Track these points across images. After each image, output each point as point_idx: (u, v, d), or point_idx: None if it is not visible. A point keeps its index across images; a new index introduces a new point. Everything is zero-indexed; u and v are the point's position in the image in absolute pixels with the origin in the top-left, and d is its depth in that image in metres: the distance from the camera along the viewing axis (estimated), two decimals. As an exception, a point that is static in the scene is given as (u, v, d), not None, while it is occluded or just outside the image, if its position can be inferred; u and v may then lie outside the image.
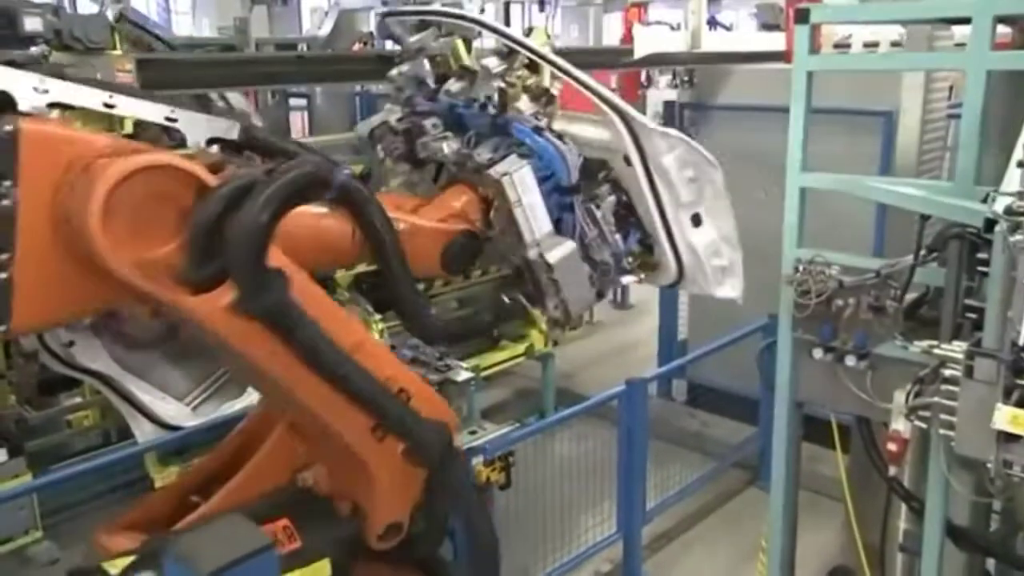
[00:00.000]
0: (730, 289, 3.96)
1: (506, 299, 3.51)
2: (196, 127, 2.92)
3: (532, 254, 3.34)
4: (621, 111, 3.52)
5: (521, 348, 6.27)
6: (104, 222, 2.14)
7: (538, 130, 3.58)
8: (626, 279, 3.84)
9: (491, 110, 3.73)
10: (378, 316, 5.31)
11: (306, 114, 10.82)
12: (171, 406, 4.25)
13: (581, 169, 3.56)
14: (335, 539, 2.75)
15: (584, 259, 3.49)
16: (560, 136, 3.62)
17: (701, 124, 6.42)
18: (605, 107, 3.50)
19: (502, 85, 3.74)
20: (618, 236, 3.62)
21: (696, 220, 3.72)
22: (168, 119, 2.89)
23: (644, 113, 11.78)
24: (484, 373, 5.66)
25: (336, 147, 7.37)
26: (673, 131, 3.63)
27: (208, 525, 1.11)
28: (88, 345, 4.05)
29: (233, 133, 2.93)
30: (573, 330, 6.59)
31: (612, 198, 3.66)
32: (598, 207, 3.58)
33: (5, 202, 2.21)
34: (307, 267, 2.63)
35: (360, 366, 2.56)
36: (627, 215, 3.71)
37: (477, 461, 3.84)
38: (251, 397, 4.67)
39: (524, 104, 3.77)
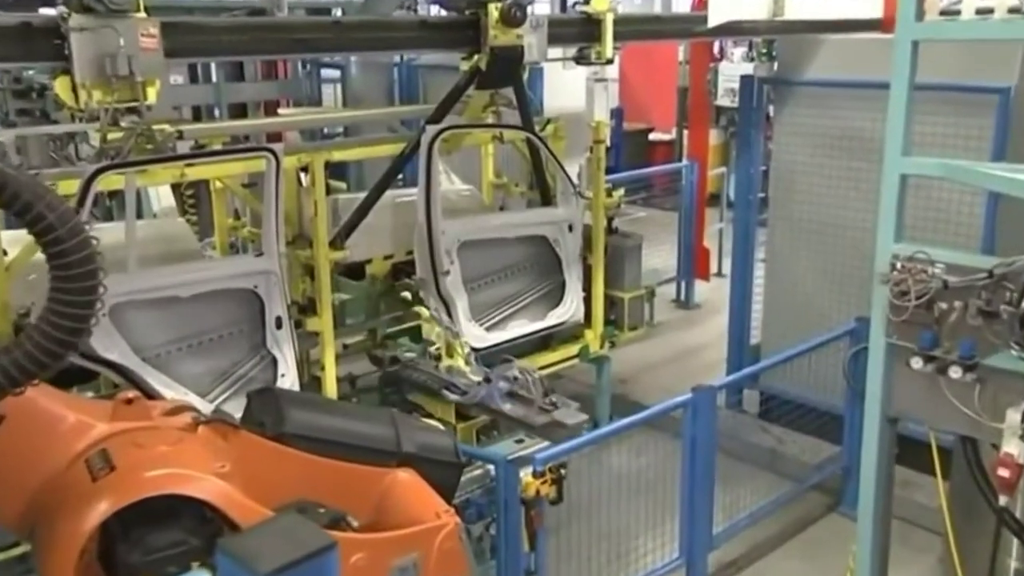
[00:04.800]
0: None
1: None
2: None
3: None
4: None
5: (574, 349, 6.26)
6: None
7: None
8: None
9: None
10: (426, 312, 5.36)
11: (339, 87, 10.92)
12: (194, 403, 4.34)
13: None
14: None
15: None
16: None
17: (783, 103, 6.30)
18: None
19: None
20: None
21: None
22: None
23: (716, 90, 11.55)
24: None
25: (372, 124, 7.44)
26: None
27: (266, 523, 1.13)
28: (106, 334, 4.14)
29: None
30: (633, 331, 6.55)
31: None
32: None
33: None
34: None
35: None
36: None
37: (526, 472, 3.84)
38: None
39: None
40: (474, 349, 5.30)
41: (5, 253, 4.31)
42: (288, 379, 4.77)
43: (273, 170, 4.55)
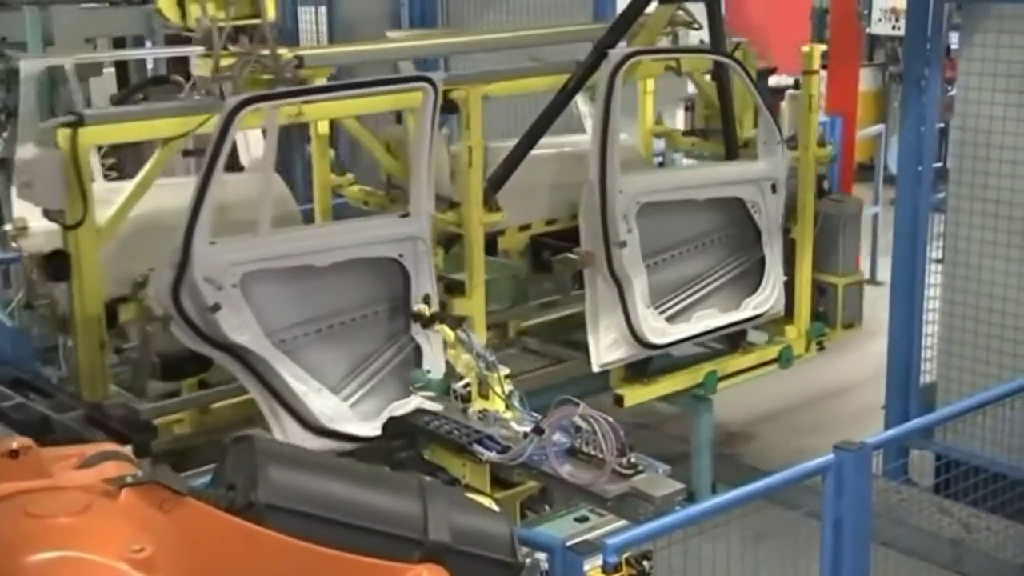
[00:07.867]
0: None
1: None
2: None
3: None
4: None
5: (772, 351, 6.72)
6: None
7: None
8: None
9: None
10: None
11: (324, 10, 11.02)
12: (328, 401, 5.00)
13: None
14: None
15: None
16: None
17: (974, 27, 6.25)
18: None
19: None
20: None
21: None
22: None
23: (869, 11, 11.71)
24: (722, 385, 6.32)
25: (368, 66, 7.50)
26: None
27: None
28: (236, 311, 4.70)
29: None
30: (848, 328, 7.04)
31: None
32: None
33: None
34: None
35: None
36: None
37: (593, 565, 3.83)
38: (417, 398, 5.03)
39: None
40: (653, 346, 5.93)
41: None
42: (434, 376, 5.19)
43: (430, 105, 5.17)
